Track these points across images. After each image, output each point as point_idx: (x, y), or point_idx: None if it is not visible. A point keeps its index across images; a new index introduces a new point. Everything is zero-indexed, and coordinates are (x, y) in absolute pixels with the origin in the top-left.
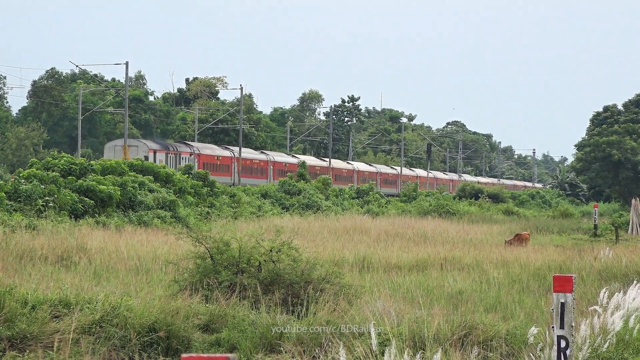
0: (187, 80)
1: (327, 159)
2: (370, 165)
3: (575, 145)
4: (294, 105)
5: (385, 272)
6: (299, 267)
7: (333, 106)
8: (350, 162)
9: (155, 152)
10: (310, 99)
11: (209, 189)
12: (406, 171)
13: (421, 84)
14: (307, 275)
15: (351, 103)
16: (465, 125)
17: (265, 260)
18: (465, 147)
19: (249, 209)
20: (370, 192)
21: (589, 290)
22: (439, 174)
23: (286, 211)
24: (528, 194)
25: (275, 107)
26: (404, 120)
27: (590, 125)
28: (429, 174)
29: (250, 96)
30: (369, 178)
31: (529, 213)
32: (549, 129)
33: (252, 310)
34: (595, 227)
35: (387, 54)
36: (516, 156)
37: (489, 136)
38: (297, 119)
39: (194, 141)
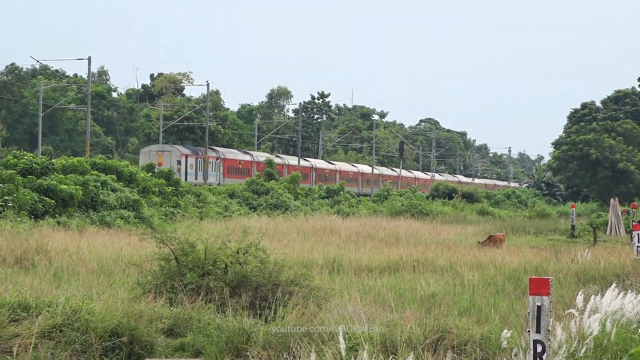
0: (151, 76)
1: (307, 159)
2: (352, 165)
3: (552, 144)
4: (262, 102)
5: (355, 275)
6: (266, 269)
7: (302, 103)
8: (332, 162)
9: (187, 156)
10: (278, 96)
11: (173, 188)
12: (388, 171)
13: (393, 81)
14: (275, 277)
15: (321, 100)
16: (438, 123)
17: (231, 262)
18: (438, 146)
19: (215, 209)
20: (341, 192)
21: (566, 293)
22: (420, 174)
23: (254, 211)
24: (503, 194)
25: (242, 103)
26: (376, 117)
27: (567, 123)
28: (407, 172)
29: (217, 92)
30: (352, 178)
31: (504, 213)
32: (525, 127)
33: (218, 313)
34: (573, 227)
35: (359, 49)
36: (491, 154)
37: (463, 134)
38: (265, 116)
39: (167, 142)
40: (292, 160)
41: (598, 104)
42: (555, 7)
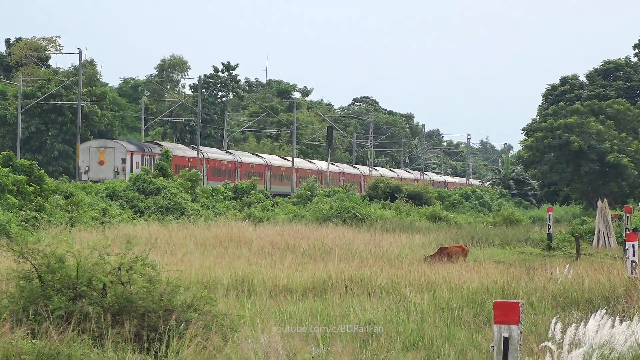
0: (7, 42)
1: (291, 158)
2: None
3: (523, 130)
4: (151, 75)
5: (271, 297)
6: (156, 290)
7: (202, 77)
8: (312, 160)
9: (132, 153)
10: (171, 68)
11: (36, 186)
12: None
13: (319, 50)
14: (167, 301)
15: (226, 73)
16: (377, 103)
17: (112, 282)
18: (378, 132)
19: (91, 213)
20: (252, 191)
21: (541, 320)
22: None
23: (140, 216)
24: (461, 194)
25: (125, 77)
26: (297, 95)
27: (543, 103)
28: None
29: (91, 63)
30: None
31: (461, 219)
32: (488, 109)
33: (94, 348)
34: (550, 237)
35: (275, 9)
36: (445, 143)
37: (409, 117)
38: (154, 93)
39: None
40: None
41: (582, 78)
42: None
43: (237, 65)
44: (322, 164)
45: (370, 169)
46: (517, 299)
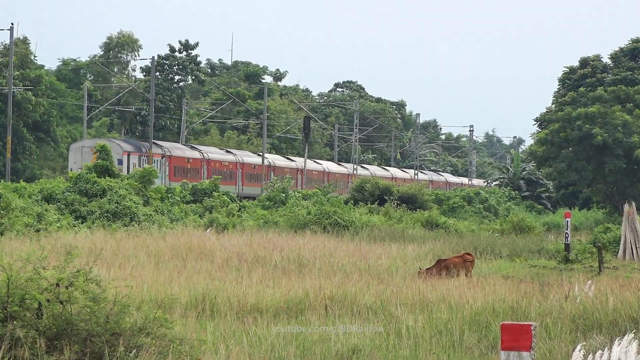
0: None
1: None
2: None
3: (536, 120)
4: (95, 56)
5: (238, 319)
6: (101, 310)
7: (156, 58)
8: (318, 161)
9: (129, 154)
10: (119, 47)
11: None
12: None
13: (294, 26)
14: (114, 323)
15: (185, 53)
16: (363, 89)
17: (48, 300)
18: (364, 123)
19: (24, 218)
20: (215, 193)
21: (557, 346)
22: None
23: (82, 222)
24: (462, 196)
25: (64, 58)
26: (268, 80)
27: (559, 89)
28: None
29: (24, 42)
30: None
31: (463, 226)
32: (494, 95)
33: None
34: (567, 247)
35: None
36: (443, 137)
37: (400, 105)
38: (99, 77)
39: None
40: (248, 157)
41: (605, 59)
42: None
43: (197, 44)
44: (326, 164)
45: (355, 166)
46: (529, 320)
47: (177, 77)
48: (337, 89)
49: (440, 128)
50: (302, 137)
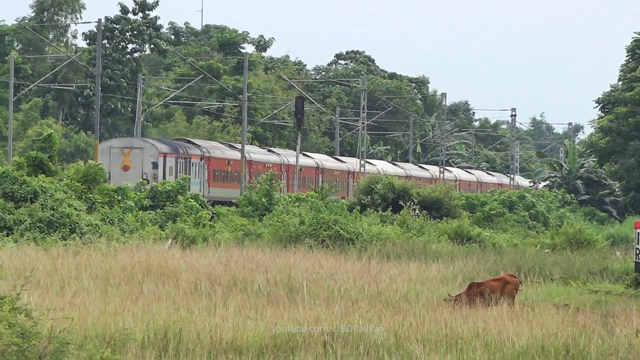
0: None
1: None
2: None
3: (597, 102)
4: (24, 18)
5: None
6: (33, 349)
7: (103, 21)
8: (308, 154)
9: (165, 156)
10: (56, 7)
11: None
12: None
13: None
14: None
15: (141, 15)
16: (373, 62)
17: None
18: (374, 106)
19: None
20: (180, 197)
21: None
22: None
23: (8, 234)
24: (502, 201)
25: None
26: (249, 50)
27: (628, 61)
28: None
29: None
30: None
31: (502, 239)
32: (543, 70)
33: None
34: (639, 267)
35: None
36: (477, 123)
37: (421, 83)
38: (29, 47)
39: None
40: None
41: None
42: None
43: (156, 4)
44: (319, 157)
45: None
46: None
47: (130, 46)
48: (339, 62)
49: (473, 112)
50: (293, 123)
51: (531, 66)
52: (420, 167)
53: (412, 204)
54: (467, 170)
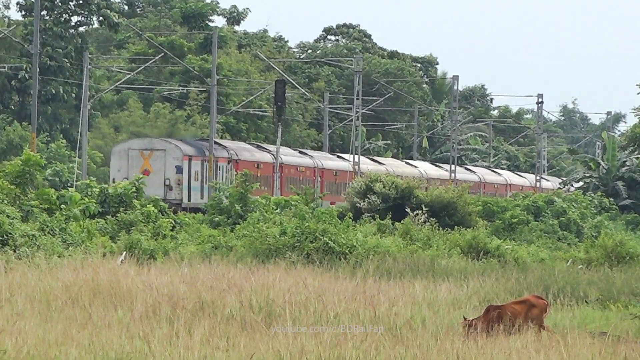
0: None
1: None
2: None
3: None
4: None
5: None
6: None
7: None
8: (496, 170)
9: (190, 159)
10: None
11: None
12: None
13: None
14: None
15: None
16: (370, 37)
17: None
18: (370, 90)
19: None
20: (135, 202)
21: None
22: (320, 156)
23: None
24: (526, 206)
25: None
26: (219, 23)
27: None
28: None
29: None
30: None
31: (527, 253)
32: (576, 49)
33: None
34: None
35: None
36: (496, 112)
37: (428, 63)
38: None
39: None
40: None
41: None
42: None
43: None
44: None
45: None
46: None
47: (75, 19)
48: (328, 38)
49: (491, 99)
50: (272, 112)
51: (562, 43)
52: (432, 163)
53: (418, 209)
54: (495, 170)
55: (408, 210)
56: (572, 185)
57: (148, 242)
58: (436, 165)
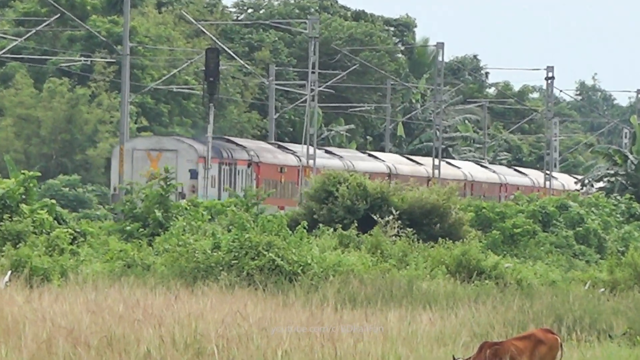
0: None
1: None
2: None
3: None
4: None
5: None
6: None
7: None
8: (487, 166)
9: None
10: None
11: None
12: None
13: None
14: None
15: None
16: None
17: None
18: (330, 63)
19: None
20: (24, 207)
21: None
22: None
23: None
24: (532, 213)
25: None
26: None
27: None
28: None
29: None
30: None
31: (533, 273)
32: (597, 12)
33: None
34: None
35: None
36: (493, 89)
37: (404, 27)
38: None
39: None
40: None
41: None
42: None
43: None
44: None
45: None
46: None
47: None
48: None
49: (487, 73)
50: (202, 90)
51: (574, 8)
52: (412, 160)
53: (391, 216)
54: (485, 165)
55: (377, 217)
56: (591, 186)
57: (41, 259)
58: (410, 159)
